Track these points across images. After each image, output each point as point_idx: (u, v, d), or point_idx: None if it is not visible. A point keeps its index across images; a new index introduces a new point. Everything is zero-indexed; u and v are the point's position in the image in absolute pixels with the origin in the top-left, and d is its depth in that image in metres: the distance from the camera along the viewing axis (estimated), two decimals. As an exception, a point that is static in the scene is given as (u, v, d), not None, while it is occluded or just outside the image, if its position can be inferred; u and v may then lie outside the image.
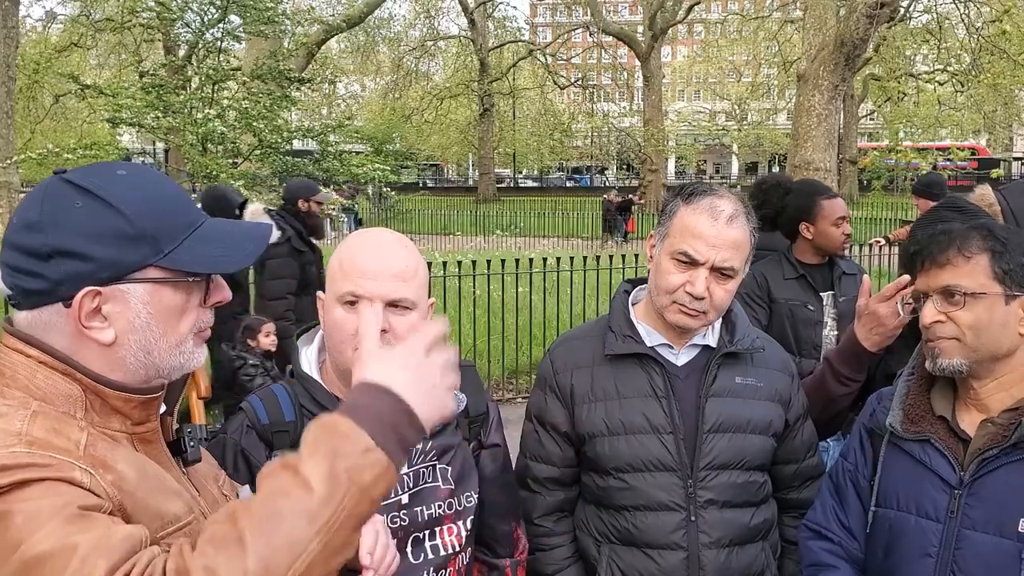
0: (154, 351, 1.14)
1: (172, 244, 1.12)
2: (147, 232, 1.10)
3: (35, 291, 1.09)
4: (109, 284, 1.09)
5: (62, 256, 1.07)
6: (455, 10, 40.09)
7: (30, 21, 34.24)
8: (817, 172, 10.26)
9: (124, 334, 1.12)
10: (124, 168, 1.16)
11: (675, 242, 1.85)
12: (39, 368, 1.10)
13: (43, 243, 1.07)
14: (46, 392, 1.09)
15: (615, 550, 1.92)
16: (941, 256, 1.65)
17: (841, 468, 1.87)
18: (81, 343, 1.11)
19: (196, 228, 1.16)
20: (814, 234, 3.62)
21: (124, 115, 8.65)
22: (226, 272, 1.19)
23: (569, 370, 1.98)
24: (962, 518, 1.62)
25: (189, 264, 1.13)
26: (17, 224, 1.11)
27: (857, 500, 1.82)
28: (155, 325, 1.13)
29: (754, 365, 1.98)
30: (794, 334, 3.56)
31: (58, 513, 0.97)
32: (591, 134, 49.93)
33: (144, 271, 1.11)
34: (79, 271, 1.07)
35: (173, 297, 1.14)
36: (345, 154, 9.93)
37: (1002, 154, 43.31)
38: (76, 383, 1.10)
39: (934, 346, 1.66)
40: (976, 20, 24.24)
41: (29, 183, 15.77)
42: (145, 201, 1.12)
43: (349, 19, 22.38)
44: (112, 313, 1.11)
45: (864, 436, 1.85)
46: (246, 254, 1.19)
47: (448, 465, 1.70)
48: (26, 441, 1.01)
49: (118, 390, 1.12)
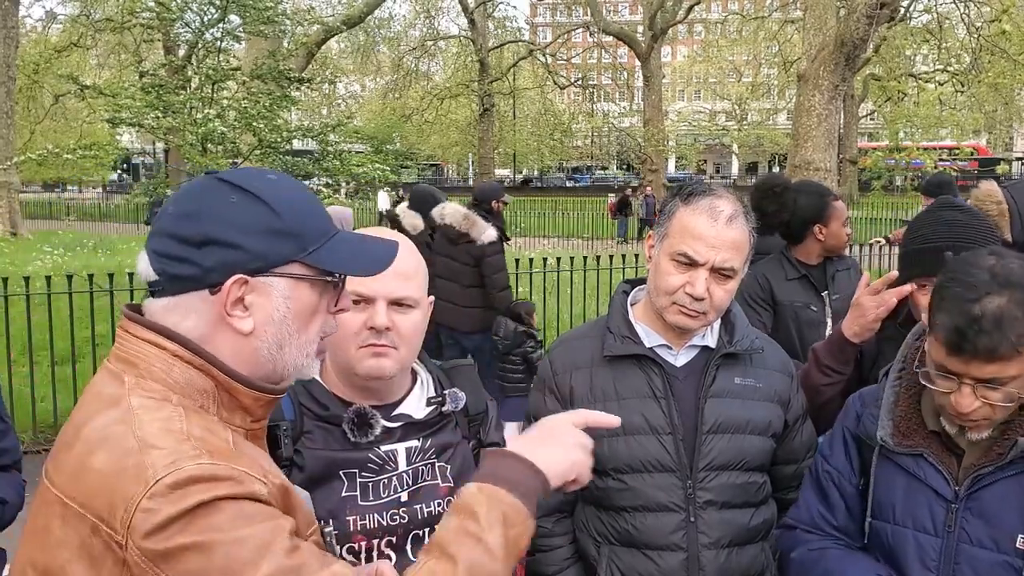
0: (286, 346, 1.17)
1: (316, 244, 1.16)
2: (294, 229, 1.15)
3: (184, 276, 1.12)
4: (256, 275, 1.13)
5: (215, 244, 1.11)
6: (455, 10, 40.10)
7: (30, 21, 34.28)
8: (817, 172, 10.26)
9: (262, 325, 1.15)
10: (274, 174, 1.22)
11: (674, 243, 1.84)
12: (175, 362, 1.12)
13: (198, 231, 1.11)
14: (183, 386, 1.11)
15: (615, 551, 1.91)
16: (993, 352, 1.46)
17: (821, 469, 1.84)
18: (218, 330, 1.14)
19: (333, 235, 1.20)
20: (826, 235, 3.63)
21: (124, 115, 8.64)
22: (364, 275, 1.24)
23: (568, 371, 1.98)
24: (959, 533, 1.61)
25: (331, 263, 1.17)
26: (174, 213, 1.15)
27: (842, 502, 1.79)
28: (291, 321, 1.16)
29: (753, 366, 1.97)
30: (799, 336, 3.54)
31: (271, 545, 1.01)
32: (591, 134, 49.95)
33: (288, 266, 1.15)
34: (230, 259, 1.11)
35: (310, 295, 1.17)
36: (345, 154, 9.92)
37: (1002, 153, 43.29)
38: (210, 378, 1.13)
39: (967, 425, 1.58)
40: (976, 20, 24.25)
41: (29, 183, 15.79)
42: (293, 202, 1.17)
43: (349, 19, 22.36)
44: (254, 303, 1.14)
45: (850, 442, 1.82)
46: (378, 260, 1.23)
47: (448, 463, 1.70)
48: (202, 449, 1.03)
49: (250, 387, 1.15)
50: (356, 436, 1.61)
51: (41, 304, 7.04)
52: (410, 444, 1.66)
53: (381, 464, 1.63)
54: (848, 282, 3.70)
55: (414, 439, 1.67)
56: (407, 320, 1.59)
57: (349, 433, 1.61)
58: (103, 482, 1.01)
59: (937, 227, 2.10)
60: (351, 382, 1.64)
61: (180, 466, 0.99)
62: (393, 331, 1.56)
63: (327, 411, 1.62)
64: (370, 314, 1.57)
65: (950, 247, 2.03)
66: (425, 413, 1.69)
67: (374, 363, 1.58)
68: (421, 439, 1.67)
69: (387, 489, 1.62)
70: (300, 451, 1.59)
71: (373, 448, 1.62)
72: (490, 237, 5.86)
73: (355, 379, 1.62)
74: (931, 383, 1.58)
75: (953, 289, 1.51)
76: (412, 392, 1.72)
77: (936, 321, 1.53)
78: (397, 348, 1.58)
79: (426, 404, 1.71)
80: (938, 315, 1.53)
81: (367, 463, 1.62)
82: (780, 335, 3.47)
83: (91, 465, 1.03)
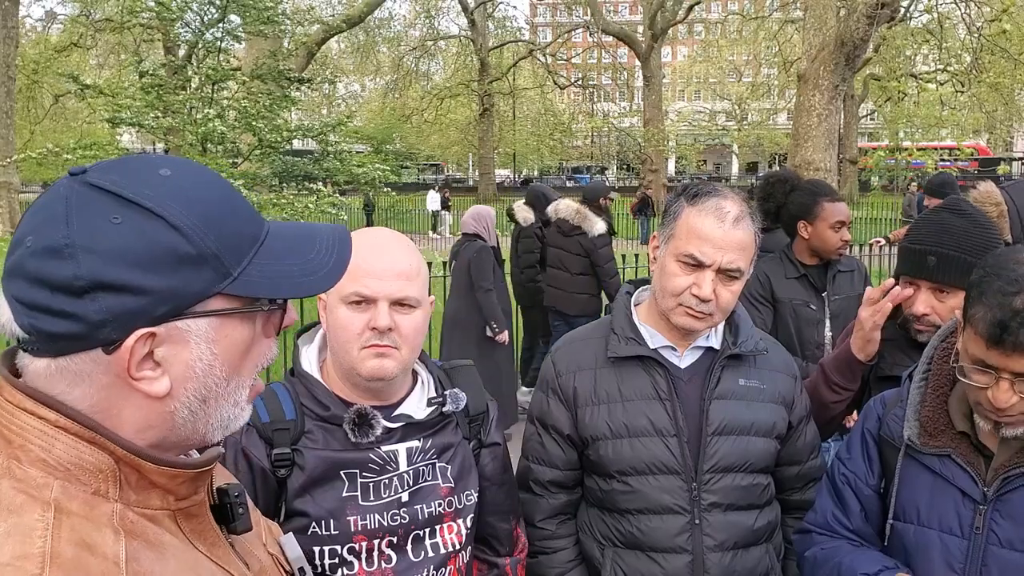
0: (211, 400, 0.92)
1: (240, 263, 0.89)
2: (209, 250, 0.86)
3: (64, 335, 0.83)
4: (166, 321, 0.86)
5: (103, 290, 0.82)
6: (455, 10, 40.12)
7: (30, 21, 34.29)
8: (817, 172, 10.26)
9: (181, 383, 0.89)
10: (167, 165, 0.89)
11: (680, 244, 1.83)
12: (58, 435, 0.85)
13: (75, 274, 0.81)
14: (68, 466, 0.85)
15: (619, 553, 1.91)
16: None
17: (838, 473, 1.84)
18: (120, 397, 0.87)
19: (263, 240, 0.93)
20: (810, 235, 3.61)
21: (124, 115, 8.64)
22: (308, 295, 0.95)
23: (572, 372, 1.97)
24: (988, 535, 1.59)
25: (265, 288, 0.90)
26: (33, 247, 0.83)
27: (858, 505, 1.79)
28: (219, 368, 0.91)
29: (757, 367, 1.96)
30: (797, 334, 3.55)
31: None
32: (591, 134, 49.95)
33: (208, 301, 0.88)
34: (128, 308, 0.83)
35: (242, 331, 0.91)
36: (345, 154, 9.92)
37: (1003, 154, 43.31)
38: (107, 453, 0.86)
39: (1003, 421, 1.56)
40: (976, 20, 24.24)
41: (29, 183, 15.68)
42: (202, 211, 0.87)
43: (349, 19, 22.38)
44: (167, 357, 0.87)
45: (871, 444, 1.80)
46: (332, 268, 0.95)
47: (448, 463, 1.70)
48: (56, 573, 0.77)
49: (160, 464, 0.89)
50: (357, 436, 1.61)
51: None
52: (411, 444, 1.66)
53: (382, 464, 1.63)
54: (850, 284, 3.69)
55: (415, 439, 1.67)
56: (409, 320, 1.59)
57: (350, 433, 1.61)
58: None
59: (929, 229, 2.09)
60: (352, 382, 1.64)
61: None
62: (395, 331, 1.57)
63: (328, 411, 1.62)
64: (372, 315, 1.56)
65: (934, 252, 2.03)
66: (426, 413, 1.69)
67: (376, 364, 1.58)
68: (422, 439, 1.68)
69: (388, 489, 1.63)
70: (301, 451, 1.60)
71: (374, 448, 1.62)
72: (600, 230, 6.55)
73: (357, 379, 1.62)
74: (967, 378, 1.55)
75: (993, 283, 1.49)
76: (413, 392, 1.72)
77: (975, 315, 1.50)
78: (399, 348, 1.58)
79: (427, 404, 1.71)
80: (977, 308, 1.50)
81: (368, 463, 1.62)
82: (780, 333, 3.49)
83: None
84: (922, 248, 2.05)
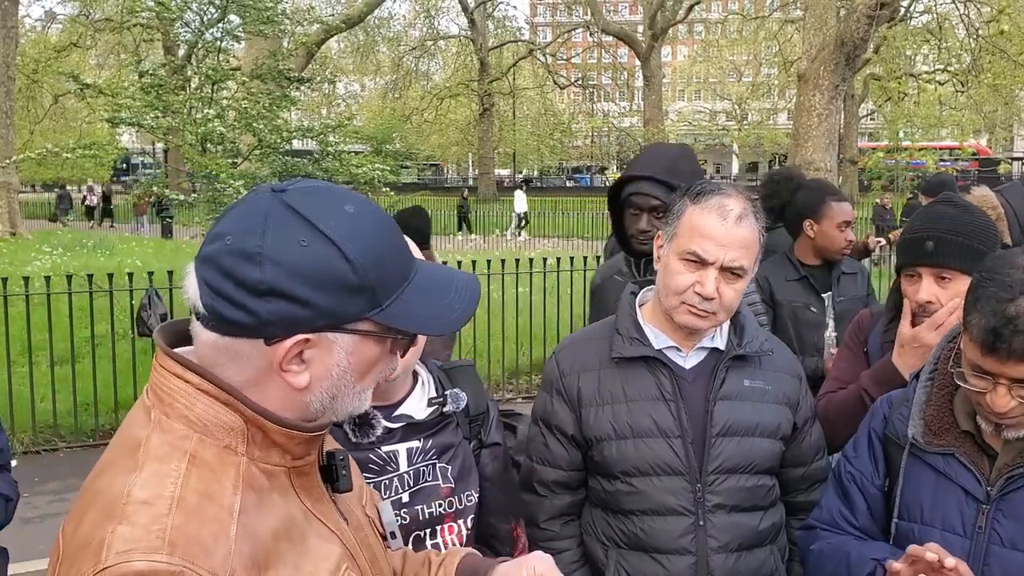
0: (339, 397, 1.09)
1: (388, 298, 1.05)
2: (369, 283, 1.02)
3: (237, 322, 1.00)
4: (320, 332, 1.02)
5: (278, 296, 0.99)
6: (455, 10, 40.15)
7: (30, 21, 34.29)
8: (817, 172, 10.25)
9: (318, 380, 1.05)
10: (351, 203, 1.06)
11: (684, 242, 1.82)
12: (199, 396, 1.02)
13: (260, 278, 0.98)
14: (206, 422, 1.02)
15: (623, 555, 1.89)
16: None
17: (844, 471, 1.83)
18: (268, 379, 1.04)
19: (411, 280, 1.09)
20: (816, 233, 3.60)
21: (123, 115, 8.61)
22: (435, 335, 1.14)
23: (576, 373, 1.96)
24: (990, 534, 1.59)
25: (403, 322, 1.06)
26: (232, 247, 1.00)
27: (864, 504, 1.78)
28: (350, 374, 1.07)
29: (762, 368, 1.95)
30: (797, 336, 3.54)
31: None
32: (591, 134, 49.97)
33: (357, 323, 1.04)
34: (294, 316, 1.00)
35: (375, 350, 1.08)
36: (345, 154, 9.90)
37: (1002, 154, 43.31)
38: (238, 414, 1.03)
39: (1004, 424, 1.55)
40: (976, 20, 24.25)
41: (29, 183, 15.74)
42: (371, 248, 1.03)
43: (349, 19, 22.38)
44: (312, 359, 1.04)
45: (876, 443, 1.80)
46: (454, 319, 1.11)
47: (448, 464, 1.70)
48: (168, 539, 0.92)
49: (282, 426, 1.05)
50: (357, 436, 1.60)
51: (40, 304, 7.04)
52: (411, 445, 1.66)
53: (382, 465, 1.63)
54: (854, 286, 3.68)
55: (415, 440, 1.67)
56: None
57: (350, 433, 1.60)
58: (76, 548, 0.94)
59: (925, 219, 2.10)
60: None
61: (129, 558, 0.90)
62: None
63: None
64: None
65: (931, 236, 2.03)
66: (426, 414, 1.69)
67: None
68: (422, 440, 1.67)
69: (388, 490, 1.62)
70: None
71: (374, 448, 1.62)
72: None
73: None
74: (965, 383, 1.55)
75: (988, 289, 1.48)
76: (413, 393, 1.72)
77: (971, 321, 1.50)
78: None
79: (427, 405, 1.70)
80: (973, 315, 1.49)
81: (368, 464, 1.61)
82: (778, 335, 3.47)
83: (82, 523, 0.96)
84: (919, 235, 2.06)
